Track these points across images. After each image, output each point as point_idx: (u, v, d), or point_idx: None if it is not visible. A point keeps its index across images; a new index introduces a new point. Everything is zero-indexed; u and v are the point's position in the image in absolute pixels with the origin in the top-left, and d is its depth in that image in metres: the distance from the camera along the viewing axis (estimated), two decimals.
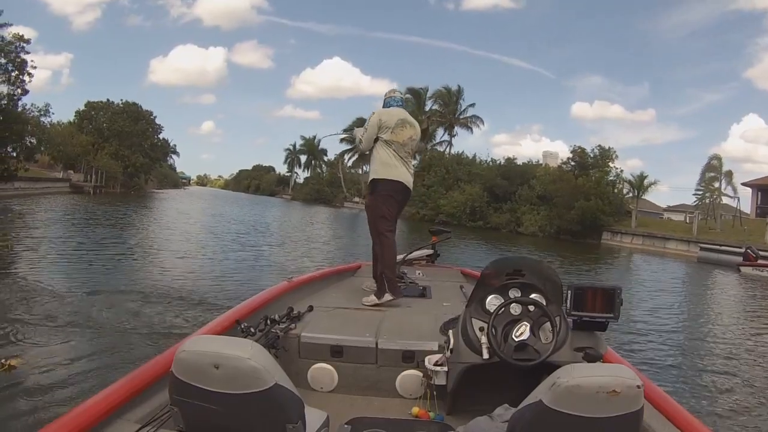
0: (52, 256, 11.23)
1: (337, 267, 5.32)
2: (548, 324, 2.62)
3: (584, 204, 39.55)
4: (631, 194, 44.39)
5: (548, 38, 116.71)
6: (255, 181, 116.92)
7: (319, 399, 2.82)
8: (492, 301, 2.77)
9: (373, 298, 3.97)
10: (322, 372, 3.03)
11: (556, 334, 2.58)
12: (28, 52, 28.99)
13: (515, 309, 2.68)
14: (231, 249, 15.98)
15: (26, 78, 29.30)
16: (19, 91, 29.08)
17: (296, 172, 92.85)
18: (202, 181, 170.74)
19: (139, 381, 2.17)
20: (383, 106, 4.48)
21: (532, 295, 2.73)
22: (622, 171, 45.02)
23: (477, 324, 2.73)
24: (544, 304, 2.67)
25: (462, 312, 2.87)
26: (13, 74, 28.29)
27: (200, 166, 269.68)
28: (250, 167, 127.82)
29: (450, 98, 56.75)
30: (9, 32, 27.91)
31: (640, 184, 43.75)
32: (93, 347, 5.47)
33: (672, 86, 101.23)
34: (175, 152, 75.85)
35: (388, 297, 3.96)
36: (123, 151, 53.68)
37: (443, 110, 57.15)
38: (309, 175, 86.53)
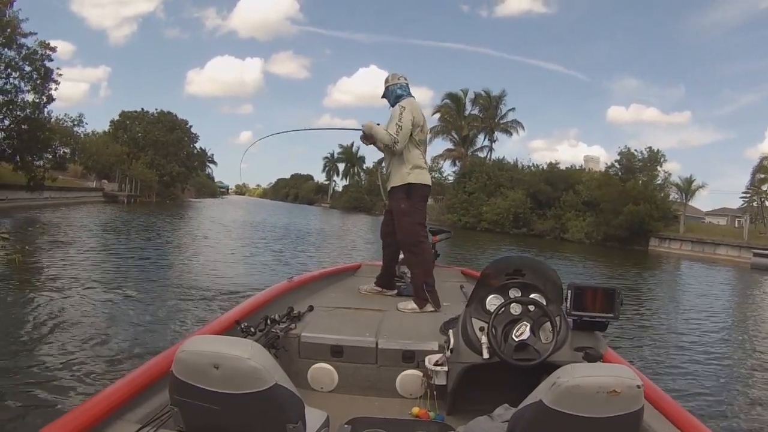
0: (62, 265, 11.13)
1: (337, 267, 5.31)
2: (548, 324, 2.58)
3: (633, 209, 37.97)
4: (678, 198, 42.50)
5: (582, 42, 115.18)
6: (294, 190, 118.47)
7: (319, 399, 2.81)
8: (492, 301, 2.75)
9: (413, 306, 3.83)
10: (322, 372, 3.02)
11: (556, 333, 2.55)
12: (51, 60, 28.24)
13: (515, 309, 2.65)
14: (258, 256, 16.03)
15: (52, 86, 28.47)
16: (45, 99, 28.21)
17: (335, 180, 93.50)
18: (241, 190, 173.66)
19: (139, 381, 2.15)
20: (391, 96, 4.15)
21: (532, 295, 2.70)
22: (670, 174, 43.63)
23: (477, 324, 2.71)
24: (545, 303, 2.63)
25: (462, 312, 2.85)
26: (38, 82, 27.30)
27: (239, 176, 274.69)
28: (288, 176, 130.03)
29: (490, 102, 55.46)
30: (36, 41, 27.19)
31: (687, 188, 41.87)
32: (93, 349, 5.64)
33: (708, 87, 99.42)
34: (212, 161, 76.65)
35: (430, 308, 3.85)
36: (158, 160, 53.74)
37: (483, 115, 55.84)
38: (347, 183, 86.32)
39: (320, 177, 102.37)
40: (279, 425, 1.63)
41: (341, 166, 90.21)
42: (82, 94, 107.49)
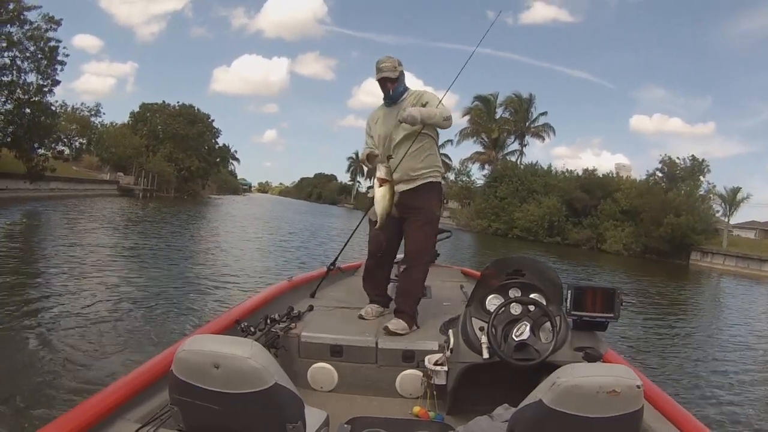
0: (43, 262, 10.57)
1: (337, 267, 5.17)
2: (548, 324, 2.57)
3: (674, 221, 35.99)
4: (721, 211, 40.06)
5: (610, 50, 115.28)
6: (317, 189, 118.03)
7: (319, 399, 2.80)
8: (492, 301, 2.74)
9: (405, 326, 3.23)
10: (322, 372, 3.00)
11: (556, 333, 2.53)
12: (59, 41, 26.14)
13: (515, 309, 2.64)
14: (273, 255, 15.78)
15: (58, 67, 26.20)
16: (50, 81, 26.02)
17: (359, 181, 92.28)
18: (264, 188, 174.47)
19: (139, 381, 2.14)
20: (403, 83, 3.67)
21: (532, 295, 2.69)
22: (714, 186, 41.21)
23: (477, 324, 2.70)
24: (544, 303, 2.62)
25: (462, 312, 2.84)
26: (42, 62, 25.07)
27: (263, 174, 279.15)
28: (312, 175, 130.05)
29: (521, 105, 53.63)
30: (40, 15, 24.79)
31: (732, 199, 39.25)
32: (92, 348, 5.49)
33: (734, 98, 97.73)
34: (235, 158, 75.26)
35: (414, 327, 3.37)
36: (178, 154, 51.79)
37: (513, 118, 54.02)
38: (372, 183, 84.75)
39: (344, 177, 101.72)
40: (279, 425, 1.62)
41: (365, 167, 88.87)
42: (109, 89, 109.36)
